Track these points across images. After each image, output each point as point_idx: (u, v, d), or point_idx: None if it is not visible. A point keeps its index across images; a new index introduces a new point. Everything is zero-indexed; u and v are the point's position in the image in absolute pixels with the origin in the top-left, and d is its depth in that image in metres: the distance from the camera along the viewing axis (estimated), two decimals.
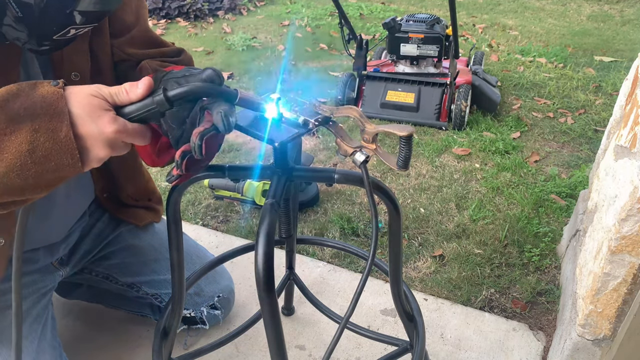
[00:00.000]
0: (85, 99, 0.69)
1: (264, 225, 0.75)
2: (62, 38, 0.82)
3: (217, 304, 1.46)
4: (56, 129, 0.68)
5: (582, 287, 1.28)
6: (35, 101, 0.68)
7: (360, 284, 0.77)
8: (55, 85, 0.70)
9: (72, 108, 0.69)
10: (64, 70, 1.00)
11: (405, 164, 0.73)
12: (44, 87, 0.69)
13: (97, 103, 0.70)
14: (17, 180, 0.69)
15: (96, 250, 1.36)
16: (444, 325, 1.57)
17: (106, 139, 0.70)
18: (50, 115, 0.67)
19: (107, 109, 0.70)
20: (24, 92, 0.68)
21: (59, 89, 0.69)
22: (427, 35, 2.83)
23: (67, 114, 0.68)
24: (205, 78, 0.71)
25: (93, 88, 0.71)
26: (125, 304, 1.52)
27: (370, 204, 0.78)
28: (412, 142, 0.72)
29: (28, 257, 1.17)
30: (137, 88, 0.72)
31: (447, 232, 1.97)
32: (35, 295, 1.19)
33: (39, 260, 1.21)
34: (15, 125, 0.67)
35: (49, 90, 0.69)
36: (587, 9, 5.38)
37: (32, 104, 0.67)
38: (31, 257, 1.18)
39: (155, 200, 1.44)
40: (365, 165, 0.76)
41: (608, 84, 3.38)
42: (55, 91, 0.69)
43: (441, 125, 2.79)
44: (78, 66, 1.01)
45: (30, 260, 1.18)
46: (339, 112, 0.77)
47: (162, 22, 4.89)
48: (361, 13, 5.16)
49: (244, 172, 0.89)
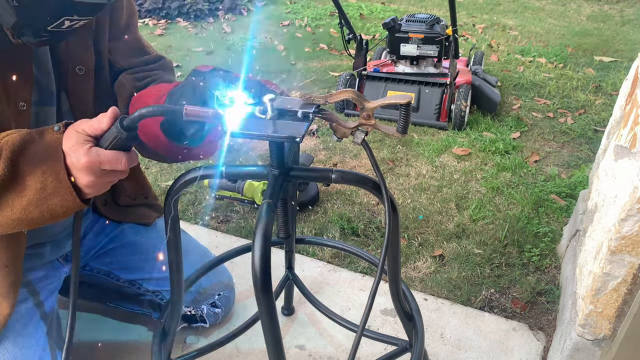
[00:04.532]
0: (72, 136, 0.81)
1: (261, 226, 0.75)
2: (57, 30, 0.86)
3: (218, 302, 1.46)
4: (58, 170, 0.81)
5: (582, 287, 1.28)
6: (44, 148, 0.82)
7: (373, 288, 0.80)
8: (58, 130, 0.82)
9: (64, 147, 0.81)
10: (69, 64, 1.05)
11: (404, 129, 0.77)
12: (49, 134, 0.82)
13: (76, 138, 0.81)
14: (35, 213, 0.84)
15: (98, 246, 1.37)
16: (443, 325, 1.57)
17: (82, 168, 0.80)
18: (54, 159, 0.81)
19: (85, 141, 0.81)
20: (35, 139, 0.82)
21: (60, 134, 0.82)
22: (427, 35, 2.83)
23: (61, 156, 0.81)
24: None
25: (78, 124, 0.82)
26: (126, 301, 1.52)
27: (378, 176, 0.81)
28: (410, 109, 0.77)
29: (35, 252, 1.18)
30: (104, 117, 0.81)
31: (447, 232, 1.97)
32: (43, 292, 1.20)
33: (46, 256, 1.22)
34: (32, 167, 0.81)
35: (53, 138, 0.82)
36: (587, 9, 5.38)
37: (42, 151, 0.82)
38: (38, 252, 1.20)
39: (152, 196, 1.44)
40: (366, 142, 0.80)
41: (608, 84, 3.38)
42: (57, 138, 0.82)
43: (441, 126, 2.79)
44: (83, 60, 1.06)
45: (38, 256, 1.20)
46: (334, 97, 0.77)
47: (162, 22, 4.89)
48: (361, 13, 5.16)
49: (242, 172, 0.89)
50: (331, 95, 0.78)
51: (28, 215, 0.84)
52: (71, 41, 1.02)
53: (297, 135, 0.75)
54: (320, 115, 0.80)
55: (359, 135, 0.79)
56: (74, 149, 0.80)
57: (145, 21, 4.93)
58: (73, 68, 1.05)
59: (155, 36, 4.56)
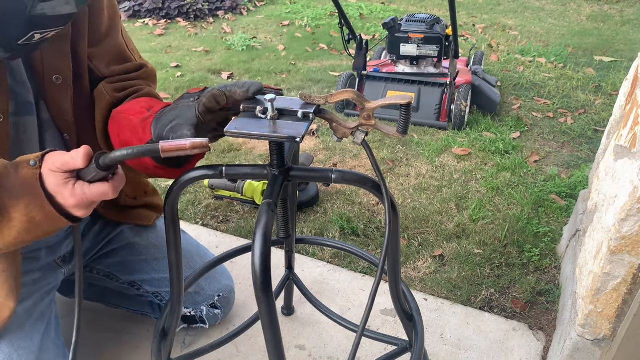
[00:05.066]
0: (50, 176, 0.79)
1: (261, 226, 0.75)
2: (28, 43, 0.83)
3: (217, 303, 1.46)
4: (41, 205, 0.80)
5: (582, 287, 1.28)
6: (20, 182, 0.80)
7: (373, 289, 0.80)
8: (34, 165, 0.80)
9: (47, 187, 0.80)
10: (45, 73, 1.00)
11: (404, 130, 0.77)
12: (24, 168, 0.80)
13: (56, 179, 0.79)
14: (28, 238, 0.84)
15: (97, 248, 1.36)
16: (443, 325, 1.57)
17: (72, 207, 0.81)
18: (33, 195, 0.80)
19: (66, 179, 0.79)
20: (10, 173, 0.80)
21: (35, 169, 0.80)
22: (427, 35, 2.83)
23: (43, 194, 0.79)
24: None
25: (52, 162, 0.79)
26: (126, 302, 1.52)
27: (378, 176, 0.81)
28: (411, 109, 0.77)
29: (31, 256, 1.17)
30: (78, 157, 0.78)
31: (447, 232, 1.97)
32: (38, 294, 1.19)
33: (42, 259, 1.21)
34: (14, 200, 0.80)
35: (29, 173, 0.80)
36: (587, 9, 5.38)
37: (18, 185, 0.80)
38: (34, 256, 1.19)
39: (150, 192, 1.43)
40: (366, 143, 0.80)
41: (608, 84, 3.38)
42: (33, 173, 0.80)
43: (441, 126, 2.79)
44: (59, 69, 1.01)
45: (34, 259, 1.19)
46: (335, 97, 0.77)
47: (162, 22, 4.89)
48: (361, 13, 5.16)
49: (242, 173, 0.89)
50: (331, 96, 0.78)
51: (21, 240, 0.84)
52: (46, 49, 0.97)
53: (297, 135, 0.75)
54: (321, 116, 0.80)
55: (359, 136, 0.79)
56: (58, 190, 0.79)
57: (145, 21, 4.93)
58: (50, 77, 1.01)
59: (155, 36, 4.56)
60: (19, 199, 0.80)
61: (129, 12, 5.04)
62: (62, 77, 1.02)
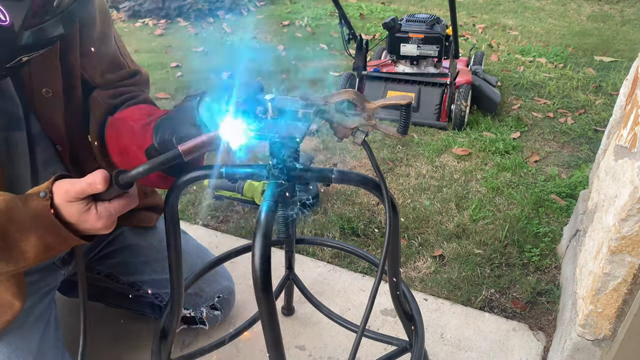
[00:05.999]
0: (68, 208, 0.79)
1: (261, 226, 0.75)
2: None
3: (217, 304, 1.45)
4: (58, 233, 0.80)
5: (582, 287, 1.28)
6: (31, 215, 0.79)
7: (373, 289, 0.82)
8: (44, 196, 0.79)
9: (66, 217, 0.80)
10: (34, 87, 0.99)
11: (405, 130, 0.77)
12: (33, 201, 0.79)
13: (77, 209, 0.79)
14: (44, 258, 0.84)
15: (97, 249, 1.36)
16: (443, 325, 1.57)
17: (100, 229, 0.82)
18: (47, 226, 0.79)
19: (87, 206, 0.80)
20: (19, 206, 0.79)
21: (46, 201, 0.79)
22: (427, 35, 2.82)
23: (59, 225, 0.79)
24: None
25: (70, 194, 0.78)
26: (126, 303, 1.51)
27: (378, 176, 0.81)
28: (411, 110, 0.77)
29: None
30: (97, 182, 0.78)
31: (447, 232, 1.97)
32: (37, 294, 1.19)
33: None
34: (25, 234, 0.80)
35: (39, 205, 0.79)
36: (587, 9, 5.38)
37: (29, 218, 0.79)
38: None
39: (150, 193, 1.42)
40: (366, 143, 0.80)
41: (608, 84, 3.38)
42: (43, 205, 0.79)
43: (441, 125, 2.79)
44: (49, 82, 1.00)
45: None
46: (335, 98, 0.77)
47: (162, 22, 4.89)
48: (361, 13, 5.16)
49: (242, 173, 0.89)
50: (331, 96, 0.78)
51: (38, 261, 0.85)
52: (34, 64, 0.95)
53: (297, 135, 0.75)
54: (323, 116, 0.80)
55: (359, 136, 0.79)
56: (83, 219, 0.80)
57: (145, 21, 4.93)
58: (39, 90, 0.99)
59: (155, 36, 4.56)
60: (30, 232, 0.80)
61: (129, 11, 5.04)
62: (52, 90, 1.00)
